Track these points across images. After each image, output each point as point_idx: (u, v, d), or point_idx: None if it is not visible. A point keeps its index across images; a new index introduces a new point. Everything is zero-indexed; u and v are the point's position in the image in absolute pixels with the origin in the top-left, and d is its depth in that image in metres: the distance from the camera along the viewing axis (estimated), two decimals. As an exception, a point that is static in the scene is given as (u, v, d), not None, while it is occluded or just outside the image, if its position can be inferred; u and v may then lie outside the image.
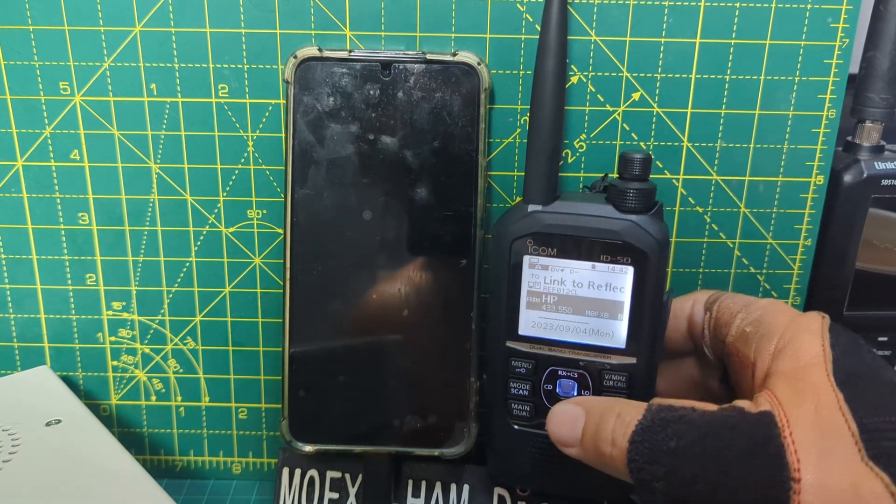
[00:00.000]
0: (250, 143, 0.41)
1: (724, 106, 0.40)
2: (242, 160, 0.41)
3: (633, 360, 0.34)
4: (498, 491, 0.41)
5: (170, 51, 0.39)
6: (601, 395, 0.35)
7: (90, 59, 0.39)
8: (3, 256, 0.43)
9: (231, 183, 0.41)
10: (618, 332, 0.34)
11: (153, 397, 0.46)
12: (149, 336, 0.44)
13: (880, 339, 0.43)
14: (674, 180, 0.41)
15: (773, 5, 0.38)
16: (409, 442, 0.40)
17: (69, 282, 0.43)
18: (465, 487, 0.42)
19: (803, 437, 0.25)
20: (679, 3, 0.38)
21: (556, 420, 0.32)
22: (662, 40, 0.39)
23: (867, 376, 0.27)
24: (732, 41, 0.39)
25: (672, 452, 0.26)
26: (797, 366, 0.28)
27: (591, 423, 0.30)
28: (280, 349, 0.40)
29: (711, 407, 0.28)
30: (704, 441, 0.26)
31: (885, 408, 0.25)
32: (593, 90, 0.39)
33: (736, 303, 0.34)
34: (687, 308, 0.36)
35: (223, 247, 0.42)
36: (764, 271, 0.43)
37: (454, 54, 0.37)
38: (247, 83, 0.40)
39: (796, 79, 0.39)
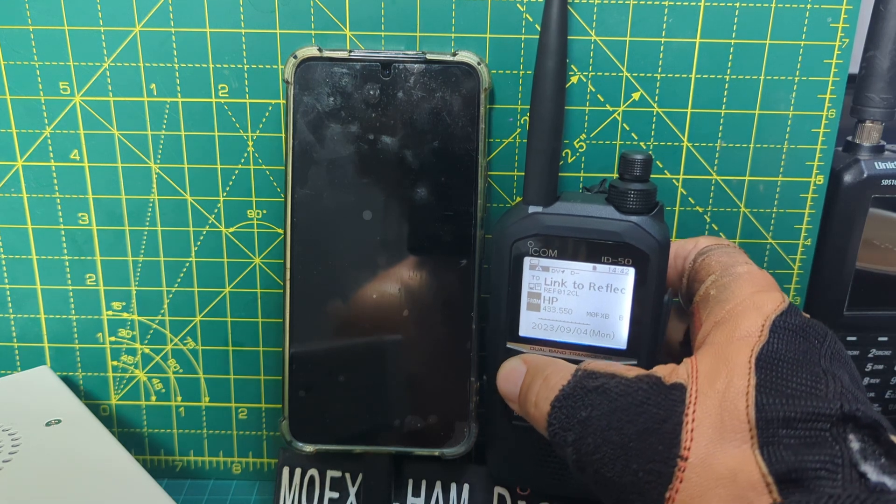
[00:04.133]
0: (250, 143, 0.41)
1: (724, 106, 0.40)
2: (242, 160, 0.41)
3: (633, 362, 0.34)
4: (498, 491, 0.41)
5: (170, 51, 0.39)
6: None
7: (90, 59, 0.39)
8: (3, 256, 0.43)
9: (231, 183, 0.41)
10: (618, 333, 0.34)
11: (153, 397, 0.46)
12: (149, 336, 0.44)
13: (880, 339, 0.43)
14: (674, 180, 0.41)
15: (773, 5, 0.38)
16: (410, 442, 0.40)
17: (69, 282, 0.43)
18: (465, 487, 0.42)
19: (704, 416, 0.26)
20: (679, 3, 0.38)
21: (502, 375, 0.34)
22: (662, 40, 0.39)
23: (797, 363, 0.26)
24: (732, 41, 0.39)
25: (582, 422, 0.28)
26: (729, 340, 0.28)
27: (525, 382, 0.32)
28: (280, 349, 0.40)
29: (632, 373, 0.29)
30: (612, 415, 0.27)
31: (797, 397, 0.25)
32: (593, 90, 0.39)
33: (719, 262, 0.33)
34: (687, 249, 0.35)
35: (223, 247, 0.42)
36: (764, 271, 0.43)
37: (454, 54, 0.37)
38: (247, 83, 0.40)
39: (796, 79, 0.39)
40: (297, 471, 0.42)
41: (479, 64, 0.37)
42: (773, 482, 0.23)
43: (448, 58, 0.37)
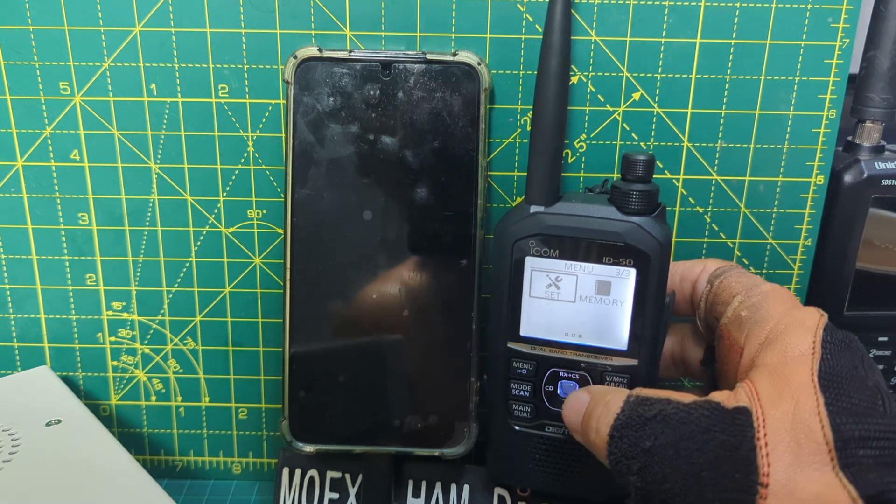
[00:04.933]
0: (250, 143, 0.41)
1: (724, 106, 0.40)
2: (242, 160, 0.41)
3: (634, 363, 0.34)
4: (498, 491, 0.41)
5: (170, 51, 0.39)
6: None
7: (90, 59, 0.39)
8: (3, 256, 0.43)
9: (231, 183, 0.41)
10: (619, 333, 0.34)
11: (153, 397, 0.46)
12: (149, 336, 0.44)
13: (880, 339, 0.43)
14: (674, 180, 0.41)
15: (773, 5, 0.38)
16: (410, 442, 0.40)
17: (69, 282, 0.43)
18: (465, 487, 0.42)
19: (777, 439, 0.25)
20: (679, 3, 0.38)
21: (567, 405, 0.32)
22: (662, 40, 0.39)
23: (852, 379, 0.26)
24: (732, 41, 0.39)
25: (647, 451, 0.27)
26: (783, 360, 0.27)
27: (587, 410, 0.31)
28: (280, 349, 0.40)
29: (687, 399, 0.28)
30: (678, 444, 0.26)
31: (865, 415, 0.25)
32: (593, 90, 0.39)
33: (739, 283, 0.33)
34: (695, 273, 0.35)
35: (223, 247, 0.42)
36: (764, 271, 0.43)
37: (454, 54, 0.37)
38: (247, 83, 0.40)
39: (796, 79, 0.39)
40: (297, 471, 0.42)
41: (479, 64, 0.37)
42: None
43: (448, 58, 0.37)
